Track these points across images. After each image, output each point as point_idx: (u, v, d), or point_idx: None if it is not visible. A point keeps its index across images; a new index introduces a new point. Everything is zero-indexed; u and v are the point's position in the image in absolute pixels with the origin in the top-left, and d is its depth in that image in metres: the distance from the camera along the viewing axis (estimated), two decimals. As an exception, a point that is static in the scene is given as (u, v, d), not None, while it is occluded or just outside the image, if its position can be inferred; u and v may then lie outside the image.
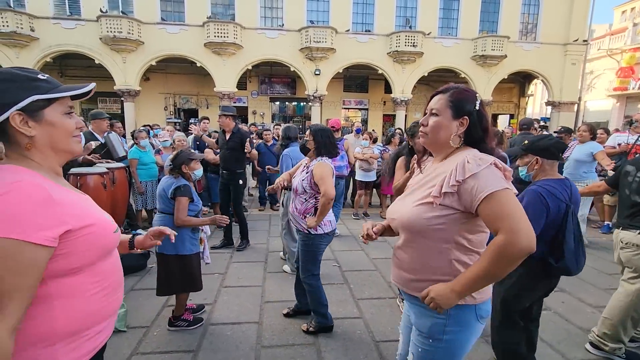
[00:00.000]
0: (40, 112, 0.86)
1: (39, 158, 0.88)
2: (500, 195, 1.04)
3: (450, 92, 1.21)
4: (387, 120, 19.54)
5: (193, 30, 14.93)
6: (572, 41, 16.59)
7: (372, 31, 16.24)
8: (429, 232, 1.16)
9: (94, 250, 0.91)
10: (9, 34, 13.42)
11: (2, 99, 0.81)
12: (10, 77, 0.84)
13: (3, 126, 0.83)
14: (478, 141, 1.18)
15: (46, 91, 0.86)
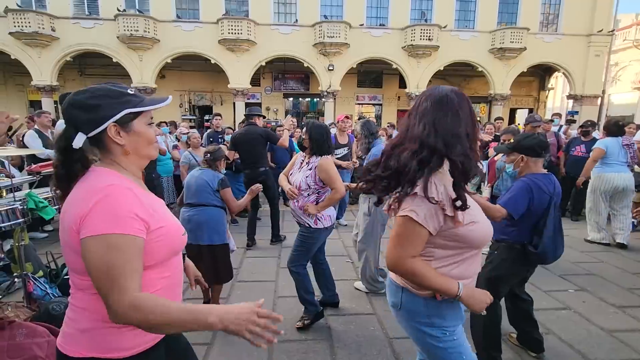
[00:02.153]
0: (130, 124, 0.97)
1: (125, 163, 0.99)
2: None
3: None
4: (402, 115, 19.27)
5: (207, 28, 15.06)
6: (596, 32, 15.95)
7: (386, 25, 16.02)
8: None
9: (164, 249, 0.98)
10: (31, 34, 13.84)
11: (102, 112, 0.93)
12: (106, 93, 0.95)
13: (99, 135, 0.94)
14: None
15: (135, 105, 0.97)
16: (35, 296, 2.65)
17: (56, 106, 15.14)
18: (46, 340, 2.02)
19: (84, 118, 0.93)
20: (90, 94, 0.94)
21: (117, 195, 0.89)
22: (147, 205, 0.95)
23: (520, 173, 2.19)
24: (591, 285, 3.44)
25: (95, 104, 0.93)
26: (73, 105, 0.94)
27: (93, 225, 0.85)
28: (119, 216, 0.87)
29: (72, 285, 0.97)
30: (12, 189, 2.72)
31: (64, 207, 0.94)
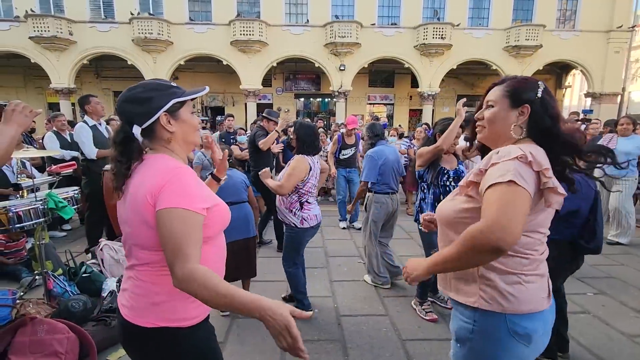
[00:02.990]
0: (177, 112, 1.07)
1: (175, 149, 1.10)
2: (501, 187, 0.95)
3: (507, 82, 1.13)
4: (414, 115, 19.12)
5: (220, 29, 15.23)
6: (615, 28, 15.50)
7: (398, 24, 15.91)
8: (456, 225, 1.10)
9: (218, 224, 1.11)
10: (50, 38, 14.24)
11: (154, 104, 1.03)
12: (156, 87, 1.06)
13: (151, 125, 1.04)
14: (545, 132, 1.06)
15: (180, 95, 1.07)
16: (55, 293, 2.72)
17: (73, 108, 15.56)
18: (66, 336, 2.07)
19: (139, 111, 1.03)
20: (142, 88, 1.05)
21: (186, 176, 1.01)
22: (203, 186, 1.10)
23: None
24: (611, 289, 3.34)
25: (147, 97, 1.03)
26: (127, 101, 1.04)
27: (167, 200, 0.96)
28: (187, 194, 0.98)
29: (136, 261, 1.06)
30: (33, 189, 2.81)
31: (132, 189, 1.03)
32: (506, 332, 1.04)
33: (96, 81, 17.47)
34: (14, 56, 15.19)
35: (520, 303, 1.04)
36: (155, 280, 1.04)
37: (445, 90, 17.24)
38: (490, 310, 1.04)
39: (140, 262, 1.05)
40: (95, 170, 3.79)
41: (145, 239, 1.01)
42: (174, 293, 1.00)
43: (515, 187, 0.94)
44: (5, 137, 1.36)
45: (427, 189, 2.74)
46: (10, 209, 2.38)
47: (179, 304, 1.04)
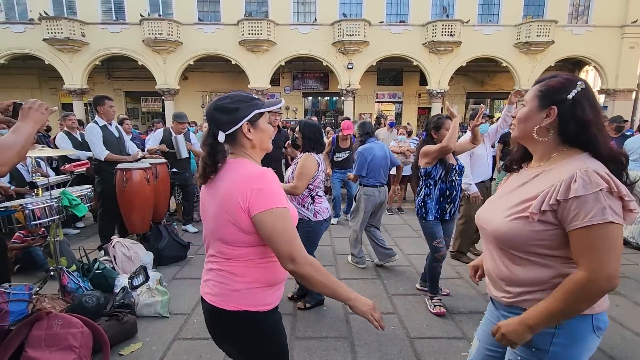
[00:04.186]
0: (257, 122, 1.20)
1: (253, 154, 1.23)
2: (599, 229, 0.93)
3: (543, 82, 1.10)
4: (423, 113, 18.98)
5: (228, 29, 15.33)
6: (630, 22, 15.13)
7: (406, 22, 15.79)
8: (530, 246, 1.06)
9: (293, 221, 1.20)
10: (63, 40, 14.52)
11: (239, 114, 1.16)
12: (241, 99, 1.19)
13: (234, 132, 1.17)
14: (575, 137, 1.04)
15: (260, 107, 1.19)
16: (69, 289, 2.79)
17: (86, 108, 15.85)
18: (80, 331, 2.12)
19: (225, 119, 1.16)
20: (230, 100, 1.18)
21: (272, 179, 1.13)
22: None
23: None
24: (625, 289, 3.28)
25: (234, 107, 1.16)
26: (216, 110, 1.17)
27: (264, 202, 1.08)
28: (278, 194, 1.11)
29: (217, 254, 1.19)
30: (48, 187, 2.88)
31: (222, 190, 1.14)
32: (591, 330, 1.06)
33: (108, 82, 17.75)
34: (29, 58, 15.53)
35: (605, 300, 1.07)
36: (235, 271, 1.16)
37: (454, 88, 17.08)
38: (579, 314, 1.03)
39: (222, 255, 1.18)
40: (107, 170, 3.86)
41: (229, 236, 1.14)
42: (252, 282, 1.16)
43: (613, 226, 0.93)
44: (23, 134, 1.39)
45: (434, 185, 2.79)
46: (27, 206, 2.44)
47: (257, 292, 1.17)
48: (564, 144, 1.07)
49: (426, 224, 2.86)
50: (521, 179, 1.16)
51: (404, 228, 5.28)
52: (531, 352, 1.10)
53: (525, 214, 1.05)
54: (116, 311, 2.54)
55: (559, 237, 1.02)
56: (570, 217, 0.97)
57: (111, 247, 3.42)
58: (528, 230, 1.04)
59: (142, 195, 3.79)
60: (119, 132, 4.14)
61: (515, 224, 1.07)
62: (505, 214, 1.11)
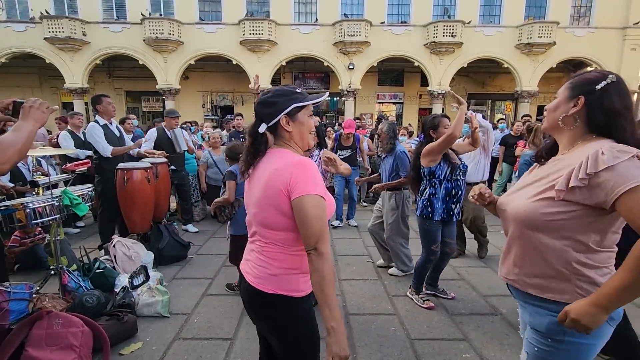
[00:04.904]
0: (296, 115, 1.24)
1: (292, 145, 1.27)
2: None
3: (576, 76, 1.14)
4: (423, 114, 18.96)
5: (229, 29, 15.33)
6: (632, 24, 15.12)
7: (408, 22, 15.79)
8: (547, 228, 1.07)
9: (329, 213, 1.23)
10: (64, 39, 14.52)
11: (278, 107, 1.21)
12: (282, 93, 1.24)
13: (275, 124, 1.23)
14: (604, 127, 1.05)
15: (300, 101, 1.23)
16: (70, 288, 2.79)
17: (86, 107, 15.85)
18: (80, 330, 2.12)
19: (267, 112, 1.23)
20: (272, 94, 1.24)
21: (311, 167, 1.17)
22: None
23: None
24: None
25: (274, 101, 1.22)
26: (260, 103, 1.24)
27: (302, 188, 1.13)
28: (316, 182, 1.15)
29: (260, 238, 1.25)
30: (49, 186, 2.88)
31: (264, 177, 1.20)
32: None
33: (108, 81, 17.76)
34: (30, 57, 15.53)
35: None
36: (275, 257, 1.22)
37: (455, 89, 17.03)
38: None
39: (264, 240, 1.24)
40: (108, 169, 3.86)
41: (272, 221, 1.19)
42: (289, 268, 1.22)
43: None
44: (24, 132, 1.39)
45: (439, 184, 2.77)
46: (28, 205, 2.44)
47: (293, 278, 1.23)
48: (590, 134, 1.08)
49: (430, 225, 2.83)
50: (545, 170, 1.17)
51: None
52: (547, 342, 1.11)
53: (549, 194, 1.05)
54: (116, 311, 2.54)
55: (581, 218, 1.02)
56: (610, 186, 0.94)
57: (111, 246, 3.42)
58: (550, 210, 1.05)
59: (143, 195, 3.79)
60: (119, 132, 4.14)
61: (537, 204, 1.08)
62: (527, 196, 1.13)
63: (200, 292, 3.20)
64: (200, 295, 3.14)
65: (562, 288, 1.10)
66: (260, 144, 1.24)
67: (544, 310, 1.13)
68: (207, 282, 3.42)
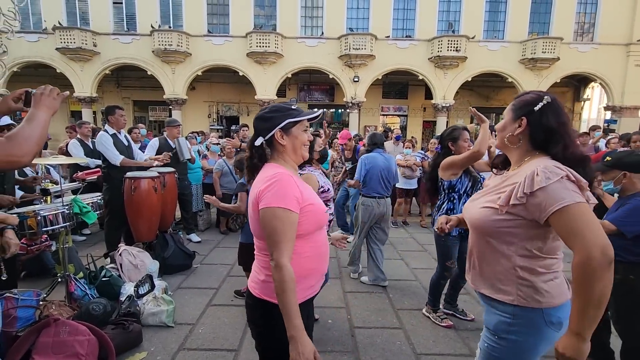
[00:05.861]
0: (290, 129, 1.33)
1: (287, 158, 1.36)
2: (571, 209, 1.03)
3: (517, 97, 1.27)
4: (427, 126, 19.05)
5: (237, 42, 15.61)
6: (635, 41, 15.23)
7: (412, 36, 16.00)
8: (496, 233, 1.20)
9: (312, 222, 1.29)
10: (75, 49, 14.85)
11: (274, 122, 1.31)
12: (278, 109, 1.34)
13: (271, 138, 1.32)
14: (542, 144, 1.18)
15: (294, 117, 1.33)
16: (76, 296, 2.80)
17: (94, 116, 16.09)
18: (87, 338, 2.12)
19: (263, 126, 1.33)
20: (268, 109, 1.35)
21: (283, 180, 1.23)
22: (300, 188, 1.28)
23: (625, 191, 2.12)
24: None
25: (270, 116, 1.33)
26: (258, 118, 1.36)
27: (266, 200, 1.21)
28: (283, 195, 1.21)
29: (256, 248, 1.35)
30: (59, 194, 2.92)
31: (252, 189, 1.31)
32: (543, 323, 1.17)
33: (117, 90, 18.05)
34: (41, 66, 15.86)
35: (554, 297, 1.17)
36: (263, 264, 1.31)
37: (459, 102, 17.15)
38: (528, 306, 1.16)
39: (257, 248, 1.35)
40: (116, 177, 3.90)
41: (255, 230, 1.30)
42: (270, 275, 1.24)
43: (582, 205, 1.03)
44: (39, 121, 1.37)
45: (458, 199, 2.69)
46: (40, 212, 2.48)
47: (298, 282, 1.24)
48: (534, 150, 1.20)
49: (446, 240, 2.72)
50: (498, 180, 1.31)
51: (409, 242, 5.25)
52: (494, 339, 1.23)
53: (495, 205, 1.18)
54: (122, 319, 2.54)
55: (524, 226, 1.14)
56: (542, 206, 1.06)
57: (118, 254, 3.43)
58: (496, 217, 1.18)
59: (150, 204, 3.82)
60: (127, 141, 4.20)
61: (485, 211, 1.22)
62: (479, 204, 1.27)
63: (205, 302, 3.20)
64: (205, 305, 3.14)
65: (508, 290, 1.20)
66: (257, 156, 1.35)
67: (494, 309, 1.25)
68: (212, 292, 3.42)
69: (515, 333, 1.19)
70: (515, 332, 1.19)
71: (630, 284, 2.01)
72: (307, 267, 1.31)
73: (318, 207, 1.32)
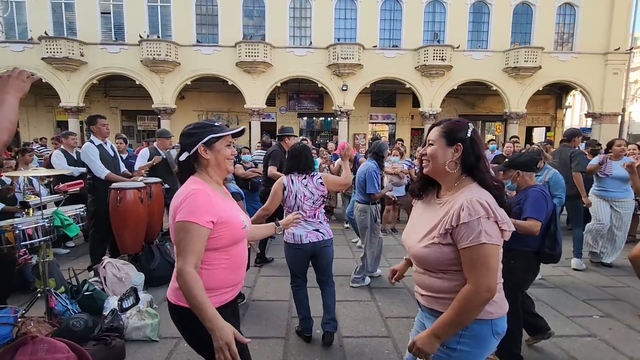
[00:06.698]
0: (213, 145, 1.42)
1: (211, 172, 1.45)
2: (477, 249, 1.16)
3: (443, 124, 1.33)
4: (416, 134, 19.29)
5: (226, 51, 15.65)
6: (612, 50, 15.79)
7: (399, 46, 16.29)
8: (440, 265, 1.27)
9: (227, 238, 1.38)
10: (62, 59, 14.69)
11: (197, 138, 1.40)
12: (200, 126, 1.44)
13: (195, 153, 1.41)
14: (472, 167, 1.27)
15: (216, 132, 1.42)
16: (56, 312, 2.72)
17: (81, 126, 15.85)
18: (65, 356, 2.06)
19: (187, 142, 1.42)
20: (192, 126, 1.45)
21: (197, 196, 1.31)
22: (216, 205, 1.35)
23: (519, 187, 2.45)
24: (618, 312, 3.29)
25: (193, 132, 1.42)
26: (183, 135, 1.44)
27: (180, 214, 1.30)
28: (194, 211, 1.29)
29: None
30: (40, 207, 2.86)
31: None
32: (491, 334, 1.26)
33: (104, 100, 17.86)
34: (26, 76, 15.61)
35: (501, 307, 1.28)
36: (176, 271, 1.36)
37: (446, 110, 17.44)
38: (479, 318, 1.22)
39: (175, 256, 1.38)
40: (102, 189, 3.84)
41: (173, 240, 1.36)
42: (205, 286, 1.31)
43: (487, 246, 1.15)
44: (9, 104, 1.30)
45: None
46: (17, 226, 2.42)
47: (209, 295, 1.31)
48: (462, 174, 1.30)
49: None
50: (430, 206, 1.38)
51: (397, 249, 5.27)
52: (443, 350, 1.28)
53: (434, 241, 1.25)
54: (104, 335, 2.47)
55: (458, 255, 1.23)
56: (459, 238, 1.19)
57: (101, 267, 3.36)
58: (437, 253, 1.25)
59: (136, 215, 3.77)
60: (114, 152, 4.15)
61: (427, 250, 1.27)
62: (419, 242, 1.31)
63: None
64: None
65: None
66: (185, 171, 1.43)
67: None
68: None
69: (464, 344, 1.25)
70: (465, 342, 1.25)
71: (510, 267, 2.12)
72: (222, 278, 1.40)
73: (234, 223, 1.40)
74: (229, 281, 1.43)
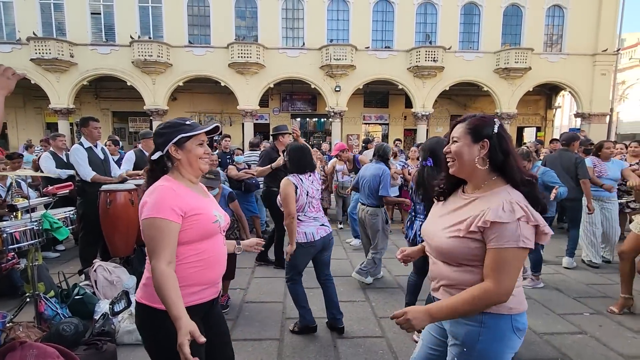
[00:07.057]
0: (184, 144, 1.40)
1: (183, 171, 1.44)
2: (508, 252, 1.12)
3: (468, 120, 1.28)
4: (408, 134, 19.41)
5: (218, 52, 15.59)
6: (600, 51, 16.09)
7: (391, 47, 16.39)
8: (463, 259, 1.23)
9: (196, 231, 1.36)
10: (51, 60, 14.49)
11: (167, 137, 1.39)
12: (170, 125, 1.42)
13: (167, 152, 1.40)
14: (501, 164, 1.22)
15: (187, 132, 1.40)
16: (46, 316, 2.67)
17: (71, 128, 15.64)
18: (56, 361, 2.02)
19: (159, 141, 1.41)
20: (163, 126, 1.45)
21: (163, 193, 1.32)
22: (185, 200, 1.34)
23: None
24: (607, 308, 3.34)
25: (163, 132, 1.41)
26: (155, 134, 1.44)
27: (146, 211, 1.30)
28: (158, 206, 1.28)
29: None
30: (28, 209, 2.81)
31: None
32: (511, 330, 1.21)
33: (95, 101, 17.65)
34: (14, 77, 15.36)
35: (520, 303, 1.24)
36: (146, 267, 1.37)
37: (438, 111, 17.59)
38: (498, 313, 1.19)
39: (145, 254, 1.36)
40: (91, 191, 3.79)
41: (143, 238, 1.33)
42: (149, 278, 1.31)
43: (522, 250, 1.13)
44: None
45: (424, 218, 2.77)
46: (5, 230, 2.37)
47: (152, 288, 1.27)
48: (492, 173, 1.25)
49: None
50: (458, 203, 1.32)
51: (391, 249, 5.28)
52: (463, 352, 1.25)
53: (459, 234, 1.22)
54: (95, 339, 2.44)
55: (484, 251, 1.19)
56: (492, 237, 1.15)
57: (92, 271, 3.31)
58: (463, 247, 1.22)
59: (126, 218, 3.72)
60: (104, 154, 4.10)
61: (453, 241, 1.24)
62: (445, 233, 1.27)
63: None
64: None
65: None
66: (157, 169, 1.43)
67: (463, 319, 1.25)
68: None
69: (483, 342, 1.21)
70: (484, 340, 1.21)
71: None
72: (189, 273, 1.36)
73: (204, 217, 1.38)
74: (196, 279, 1.38)
